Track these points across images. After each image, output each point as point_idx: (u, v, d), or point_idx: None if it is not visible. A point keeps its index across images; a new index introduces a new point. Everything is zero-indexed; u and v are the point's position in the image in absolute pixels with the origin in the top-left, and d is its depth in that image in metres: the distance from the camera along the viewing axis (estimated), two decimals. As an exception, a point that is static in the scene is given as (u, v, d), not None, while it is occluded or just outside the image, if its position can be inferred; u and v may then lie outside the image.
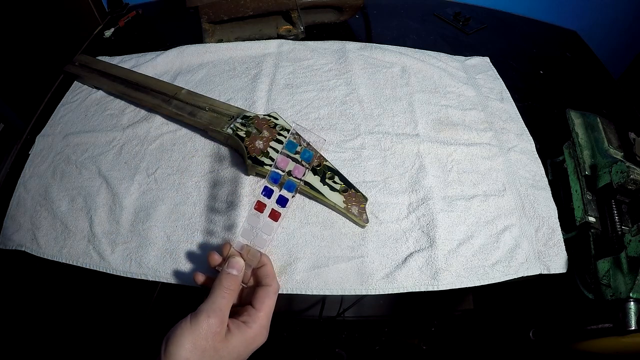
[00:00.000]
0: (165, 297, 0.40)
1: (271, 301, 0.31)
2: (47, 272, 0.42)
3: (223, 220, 0.42)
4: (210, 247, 0.40)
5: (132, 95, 0.53)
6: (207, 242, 0.41)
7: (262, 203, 0.32)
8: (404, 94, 0.55)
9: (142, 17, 0.76)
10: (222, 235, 0.41)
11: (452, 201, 0.44)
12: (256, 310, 0.30)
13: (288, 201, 0.31)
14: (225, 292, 0.30)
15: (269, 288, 0.31)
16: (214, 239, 0.41)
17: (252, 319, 0.30)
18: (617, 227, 0.39)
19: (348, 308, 0.40)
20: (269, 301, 0.31)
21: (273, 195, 0.32)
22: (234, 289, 0.30)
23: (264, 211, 0.32)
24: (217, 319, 0.28)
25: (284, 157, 0.32)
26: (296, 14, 0.66)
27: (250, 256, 0.32)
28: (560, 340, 0.39)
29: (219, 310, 0.28)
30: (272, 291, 0.32)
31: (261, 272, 0.33)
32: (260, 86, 0.55)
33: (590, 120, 0.49)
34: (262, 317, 0.30)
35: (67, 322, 0.40)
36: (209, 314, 0.28)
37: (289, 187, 0.31)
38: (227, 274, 0.31)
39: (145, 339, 0.37)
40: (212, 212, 0.43)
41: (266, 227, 0.31)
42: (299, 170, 0.31)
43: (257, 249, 0.32)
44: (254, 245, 0.32)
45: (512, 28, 0.75)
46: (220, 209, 0.43)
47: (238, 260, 0.31)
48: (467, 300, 0.42)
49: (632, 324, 0.34)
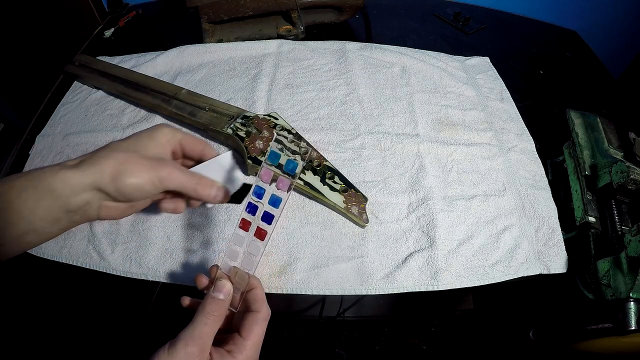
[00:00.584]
0: (165, 297, 0.40)
1: (260, 329, 0.29)
2: (47, 272, 0.42)
3: (223, 220, 0.42)
4: (210, 247, 0.40)
5: (132, 95, 0.53)
6: (207, 242, 0.41)
7: (247, 221, 0.29)
8: (404, 94, 0.55)
9: (142, 17, 0.76)
10: (222, 235, 0.41)
11: (452, 201, 0.44)
12: (243, 338, 0.28)
13: (274, 218, 0.28)
14: (207, 319, 0.27)
15: (257, 314, 0.29)
16: (214, 239, 0.41)
17: (237, 348, 0.27)
18: (617, 227, 0.39)
19: (348, 308, 0.40)
20: (257, 329, 0.28)
21: (258, 211, 0.29)
22: (218, 315, 0.28)
23: (249, 230, 0.29)
24: (196, 347, 0.25)
25: (267, 169, 0.29)
26: (296, 14, 0.66)
27: (238, 279, 0.30)
28: (560, 340, 0.39)
29: (199, 338, 0.26)
30: (261, 317, 0.29)
31: (250, 297, 0.30)
32: (260, 86, 0.55)
33: (590, 120, 0.49)
34: (249, 346, 0.27)
35: (67, 322, 0.40)
36: (187, 342, 0.25)
37: (274, 203, 0.28)
38: (212, 299, 0.28)
39: (145, 339, 0.37)
40: (213, 211, 0.43)
41: (253, 248, 0.29)
42: (283, 183, 0.28)
43: (246, 271, 0.30)
44: (242, 266, 0.30)
45: (512, 28, 0.75)
46: (221, 209, 0.43)
47: (225, 284, 0.29)
48: (467, 300, 0.42)
49: (632, 324, 0.34)
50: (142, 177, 0.29)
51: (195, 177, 0.32)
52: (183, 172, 0.31)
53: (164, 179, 0.30)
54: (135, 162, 0.29)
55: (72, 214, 0.29)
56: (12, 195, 0.27)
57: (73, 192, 0.28)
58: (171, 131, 0.33)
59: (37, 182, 0.27)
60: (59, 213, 0.28)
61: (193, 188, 0.31)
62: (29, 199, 0.27)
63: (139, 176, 0.29)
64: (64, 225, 0.29)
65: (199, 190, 0.32)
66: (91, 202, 0.29)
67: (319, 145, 0.48)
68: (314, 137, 0.49)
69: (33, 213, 0.27)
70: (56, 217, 0.28)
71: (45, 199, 0.27)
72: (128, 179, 0.29)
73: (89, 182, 0.28)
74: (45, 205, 0.27)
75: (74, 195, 0.28)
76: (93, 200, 0.29)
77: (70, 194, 0.28)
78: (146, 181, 0.29)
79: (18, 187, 0.27)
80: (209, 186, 0.32)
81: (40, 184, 0.27)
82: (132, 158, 0.30)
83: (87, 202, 0.29)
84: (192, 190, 0.31)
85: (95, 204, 0.30)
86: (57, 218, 0.28)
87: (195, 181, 0.32)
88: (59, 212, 0.28)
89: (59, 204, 0.28)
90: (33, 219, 0.27)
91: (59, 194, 0.28)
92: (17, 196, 0.27)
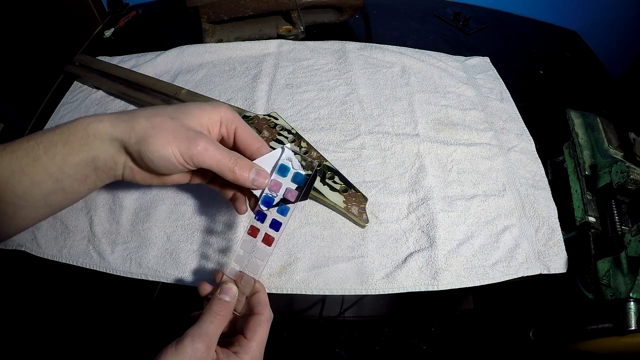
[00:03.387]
0: (165, 297, 0.40)
1: (263, 330, 0.29)
2: (47, 272, 0.42)
3: (223, 220, 0.42)
4: (210, 247, 0.40)
5: (132, 95, 0.53)
6: (208, 241, 0.41)
7: (255, 228, 0.30)
8: (404, 94, 0.55)
9: (142, 17, 0.76)
10: (222, 235, 0.41)
11: (452, 201, 0.44)
12: (248, 340, 0.28)
13: (282, 225, 0.30)
14: (214, 317, 0.28)
15: (260, 317, 0.30)
16: (215, 239, 0.41)
17: (243, 349, 0.28)
18: (617, 227, 0.39)
19: (348, 308, 0.40)
20: (261, 330, 0.29)
21: (266, 219, 0.30)
22: (224, 315, 0.28)
23: (257, 236, 0.30)
24: (203, 344, 0.26)
25: (276, 180, 0.30)
26: (296, 14, 0.66)
27: (244, 283, 0.31)
28: (560, 340, 0.39)
29: (205, 335, 0.27)
30: (264, 320, 0.30)
31: (254, 300, 0.31)
32: (260, 86, 0.55)
33: (590, 120, 0.49)
34: (253, 347, 0.28)
35: (67, 322, 0.40)
36: (194, 338, 0.26)
37: (282, 211, 0.30)
38: (218, 300, 0.29)
39: (145, 339, 0.37)
40: (213, 212, 0.43)
41: (259, 253, 0.30)
42: (291, 193, 0.30)
43: (251, 275, 0.31)
44: (248, 271, 0.31)
45: (512, 28, 0.75)
46: (221, 209, 0.43)
47: (231, 287, 0.30)
48: (467, 300, 0.42)
49: (632, 324, 0.34)
50: (170, 148, 0.26)
51: (234, 156, 0.28)
52: (220, 149, 0.28)
53: (196, 155, 0.27)
54: (167, 130, 0.27)
55: (99, 172, 0.28)
56: (39, 152, 0.26)
57: (103, 146, 0.27)
58: (231, 113, 0.30)
59: (66, 136, 0.26)
60: (87, 170, 0.27)
61: (230, 168, 0.28)
62: (57, 155, 0.26)
63: (166, 145, 0.26)
64: (91, 184, 0.28)
65: (237, 171, 0.28)
66: (118, 160, 0.28)
67: (319, 145, 0.48)
68: (314, 137, 0.49)
69: (61, 170, 0.26)
70: (84, 175, 0.27)
71: (75, 154, 0.26)
72: (153, 145, 0.26)
73: (117, 137, 0.26)
74: (75, 161, 0.26)
75: (103, 150, 0.27)
76: (119, 159, 0.28)
77: (100, 147, 0.27)
78: (173, 153, 0.27)
79: (46, 142, 0.26)
80: (248, 168, 0.29)
81: (70, 138, 0.26)
82: (166, 124, 0.27)
83: (114, 159, 0.28)
84: (229, 171, 0.28)
85: (121, 163, 0.28)
86: (85, 175, 0.27)
87: (233, 161, 0.28)
88: (87, 168, 0.27)
89: (88, 158, 0.27)
90: (61, 177, 0.26)
91: (89, 147, 0.26)
92: (45, 152, 0.26)
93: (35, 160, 0.26)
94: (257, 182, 0.29)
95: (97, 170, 0.28)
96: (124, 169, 0.29)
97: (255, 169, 0.29)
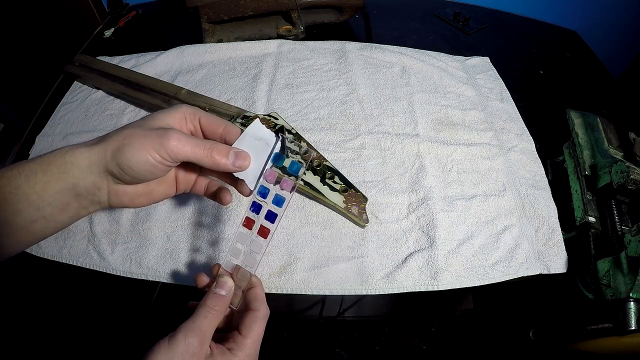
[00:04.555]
0: (165, 297, 0.40)
1: (259, 327, 0.29)
2: (47, 272, 0.42)
3: (223, 220, 0.42)
4: (210, 247, 0.40)
5: (132, 95, 0.53)
6: (208, 241, 0.41)
7: (250, 219, 0.30)
8: (404, 94, 0.55)
9: (142, 17, 0.76)
10: (222, 235, 0.41)
11: (452, 201, 0.44)
12: (243, 337, 0.28)
13: (277, 216, 0.29)
14: (208, 312, 0.27)
15: (256, 313, 0.29)
16: (215, 239, 0.41)
17: (238, 346, 0.27)
18: (617, 227, 0.39)
19: (348, 308, 0.40)
20: (257, 327, 0.28)
21: (262, 210, 0.30)
22: (219, 310, 0.28)
23: (252, 228, 0.30)
24: (196, 338, 0.26)
25: (271, 170, 0.30)
26: (296, 14, 0.66)
27: (240, 276, 0.30)
28: (560, 340, 0.39)
29: (198, 330, 0.26)
30: (260, 316, 0.29)
31: (250, 295, 0.30)
32: (260, 86, 0.55)
33: (590, 120, 0.49)
34: (249, 344, 0.28)
35: (67, 322, 0.40)
36: (187, 333, 0.26)
37: (278, 202, 0.29)
38: (213, 294, 0.28)
39: (145, 339, 0.37)
40: (213, 211, 0.43)
41: (256, 245, 0.30)
42: (287, 183, 0.29)
43: (248, 269, 0.30)
44: (244, 264, 0.30)
45: (512, 28, 0.75)
46: (221, 209, 0.43)
47: (227, 280, 0.29)
48: (467, 300, 0.42)
49: (632, 324, 0.34)
50: (145, 150, 0.26)
51: (208, 143, 0.28)
52: (192, 138, 0.28)
53: (171, 149, 0.27)
54: (138, 135, 0.27)
55: (81, 199, 0.28)
56: (20, 180, 0.26)
57: (81, 173, 0.27)
58: (190, 108, 0.30)
59: (46, 165, 0.26)
60: (68, 197, 0.27)
61: (208, 155, 0.28)
62: (37, 183, 0.26)
63: (141, 149, 0.26)
64: (73, 212, 0.28)
65: (215, 156, 0.28)
66: (100, 185, 0.28)
67: (319, 145, 0.48)
68: (314, 137, 0.49)
69: (42, 198, 0.26)
70: (65, 202, 0.27)
71: (54, 182, 0.26)
72: (128, 153, 0.26)
73: (94, 161, 0.27)
74: (55, 189, 0.26)
75: (82, 176, 0.27)
76: (102, 184, 0.28)
77: (78, 174, 0.27)
78: (149, 153, 0.27)
79: (27, 171, 0.26)
80: (226, 151, 0.28)
81: (49, 167, 0.26)
82: (136, 132, 0.27)
83: (95, 185, 0.28)
84: (208, 158, 0.28)
85: (104, 188, 0.28)
86: (66, 203, 0.27)
87: (209, 147, 0.28)
88: (68, 196, 0.27)
89: (68, 186, 0.27)
90: (42, 205, 0.26)
91: (68, 175, 0.27)
92: (26, 181, 0.26)
93: (17, 189, 0.26)
94: (238, 163, 0.29)
95: (79, 197, 0.28)
96: (109, 195, 0.29)
97: (234, 151, 0.29)
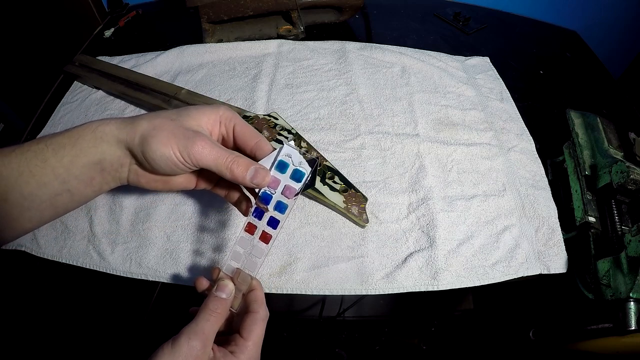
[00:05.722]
0: (165, 297, 0.40)
1: (259, 329, 0.29)
2: (47, 272, 0.42)
3: (224, 220, 0.42)
4: (210, 248, 0.40)
5: (132, 95, 0.53)
6: (208, 242, 0.41)
7: (252, 225, 0.30)
8: (404, 94, 0.55)
9: (142, 17, 0.76)
10: (222, 235, 0.41)
11: (452, 201, 0.44)
12: (244, 339, 0.28)
13: (279, 223, 0.29)
14: (210, 315, 0.27)
15: (256, 315, 0.29)
16: (215, 239, 0.41)
17: (239, 349, 0.28)
18: (617, 227, 0.39)
19: (348, 308, 0.40)
20: (257, 329, 0.29)
21: (264, 216, 0.30)
22: (220, 313, 0.28)
23: (254, 233, 0.30)
24: (199, 341, 0.26)
25: (275, 177, 0.29)
26: (296, 14, 0.66)
27: (241, 280, 0.30)
28: (560, 340, 0.39)
29: (201, 332, 0.26)
30: (260, 318, 0.29)
31: (250, 298, 0.31)
32: (260, 86, 0.55)
33: (590, 120, 0.49)
34: (250, 347, 0.28)
35: (67, 322, 0.40)
36: (190, 336, 0.26)
37: (280, 208, 0.29)
38: (214, 297, 0.29)
39: (146, 339, 0.37)
40: (212, 212, 0.43)
41: (257, 250, 0.30)
42: (290, 190, 0.29)
43: (248, 273, 0.30)
44: (245, 268, 0.30)
45: (512, 28, 0.75)
46: (221, 209, 0.43)
47: (227, 284, 0.29)
48: (467, 300, 0.42)
49: (632, 324, 0.34)
50: (169, 146, 0.27)
51: (232, 154, 0.28)
52: (218, 147, 0.28)
53: (194, 154, 0.27)
54: (167, 130, 0.27)
55: (105, 174, 0.29)
56: (48, 154, 0.27)
57: (110, 148, 0.28)
58: (229, 112, 0.30)
59: (75, 139, 0.27)
60: (94, 172, 0.28)
61: (227, 166, 0.28)
62: (65, 156, 0.27)
63: (166, 144, 0.27)
64: (97, 186, 0.29)
65: (234, 169, 0.28)
66: (123, 162, 0.29)
67: (319, 145, 0.48)
68: (314, 137, 0.49)
69: (69, 171, 0.27)
70: (91, 177, 0.28)
71: (83, 155, 0.27)
72: (154, 144, 0.27)
73: (122, 139, 0.27)
74: (82, 163, 0.27)
75: (110, 152, 0.28)
76: (125, 161, 0.29)
77: (106, 149, 0.28)
78: (173, 151, 0.27)
79: (54, 145, 0.27)
80: (246, 166, 0.28)
81: (78, 141, 0.27)
82: (166, 125, 0.27)
83: (120, 161, 0.28)
84: (226, 169, 0.28)
85: (126, 165, 0.29)
86: (92, 177, 0.28)
87: (231, 159, 0.28)
88: (94, 170, 0.28)
89: (95, 160, 0.28)
90: (68, 178, 0.27)
91: (97, 149, 0.27)
92: (54, 154, 0.27)
93: (44, 162, 0.27)
94: (256, 180, 0.28)
95: (104, 172, 0.29)
96: (129, 173, 0.30)
97: (254, 167, 0.28)
